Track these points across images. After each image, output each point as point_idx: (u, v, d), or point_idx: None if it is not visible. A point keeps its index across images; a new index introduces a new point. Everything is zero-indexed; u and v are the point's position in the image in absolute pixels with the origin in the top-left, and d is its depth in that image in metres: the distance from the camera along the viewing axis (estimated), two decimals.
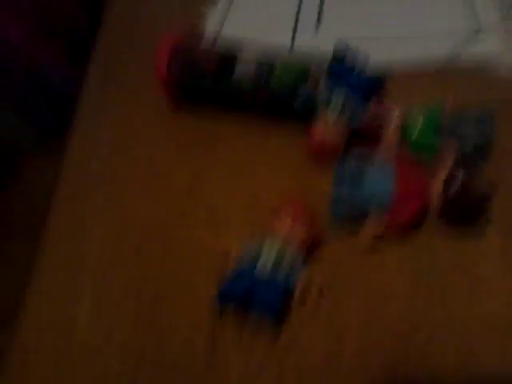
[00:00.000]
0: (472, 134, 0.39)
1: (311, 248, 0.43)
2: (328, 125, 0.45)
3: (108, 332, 0.42)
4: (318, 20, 0.54)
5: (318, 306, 0.40)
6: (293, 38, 0.54)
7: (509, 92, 0.43)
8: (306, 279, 0.40)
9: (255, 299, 0.38)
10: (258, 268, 0.40)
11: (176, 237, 0.46)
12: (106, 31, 0.61)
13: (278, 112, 0.48)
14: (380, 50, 0.48)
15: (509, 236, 0.40)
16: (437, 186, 0.38)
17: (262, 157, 0.50)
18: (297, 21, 0.56)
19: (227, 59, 0.48)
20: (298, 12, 0.56)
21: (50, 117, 0.95)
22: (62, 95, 0.90)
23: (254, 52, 0.47)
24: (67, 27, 0.93)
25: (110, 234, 0.47)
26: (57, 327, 0.43)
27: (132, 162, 0.51)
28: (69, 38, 0.92)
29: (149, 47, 0.50)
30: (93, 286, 0.44)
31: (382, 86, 0.45)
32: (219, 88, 0.49)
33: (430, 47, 0.48)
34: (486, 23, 0.47)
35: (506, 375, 0.36)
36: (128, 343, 0.41)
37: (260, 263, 0.40)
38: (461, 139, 0.39)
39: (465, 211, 0.38)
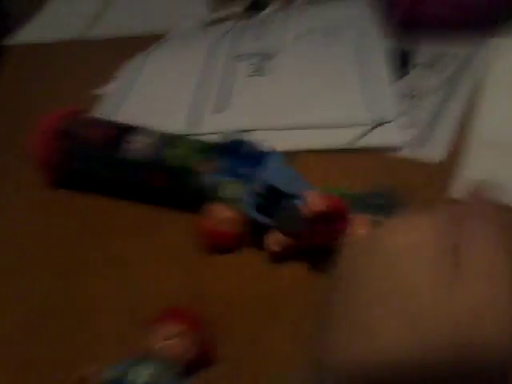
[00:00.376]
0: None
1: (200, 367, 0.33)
2: (223, 212, 0.37)
3: None
4: (219, 106, 0.49)
5: None
6: (191, 122, 0.49)
7: (407, 176, 0.42)
8: None
9: None
10: None
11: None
12: None
13: (173, 195, 0.42)
14: (279, 138, 0.45)
15: None
16: None
17: (149, 247, 0.41)
18: (196, 105, 0.50)
19: (118, 138, 0.41)
20: (198, 96, 0.51)
21: None
22: None
23: (148, 132, 0.41)
24: None
25: None
26: None
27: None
28: None
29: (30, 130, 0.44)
30: None
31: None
32: (107, 171, 0.42)
33: (330, 136, 0.44)
34: (387, 113, 0.45)
35: None
36: None
37: None
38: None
39: None
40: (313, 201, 0.34)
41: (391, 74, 0.51)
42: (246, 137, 0.41)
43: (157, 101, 0.52)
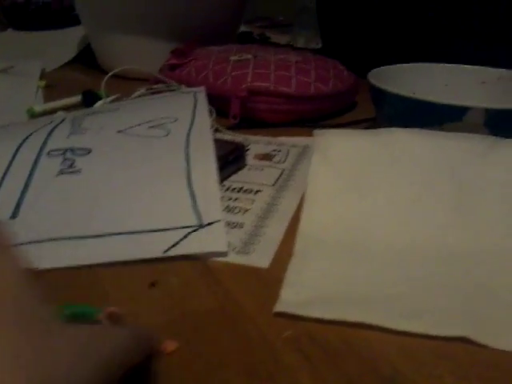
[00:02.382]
0: None
1: None
2: None
3: None
4: (15, 210, 0.40)
5: None
6: None
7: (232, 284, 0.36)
8: None
9: None
10: None
11: None
12: None
13: None
14: (84, 248, 0.38)
15: None
16: None
17: None
18: None
19: None
20: None
21: None
22: None
23: None
24: None
25: None
26: None
27: None
28: None
29: None
30: None
31: None
32: None
33: (144, 244, 0.37)
34: (213, 215, 0.41)
35: None
36: None
37: None
38: None
39: None
40: None
41: (219, 169, 0.47)
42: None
43: None
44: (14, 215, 0.42)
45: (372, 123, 0.64)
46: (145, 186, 0.44)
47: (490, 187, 0.41)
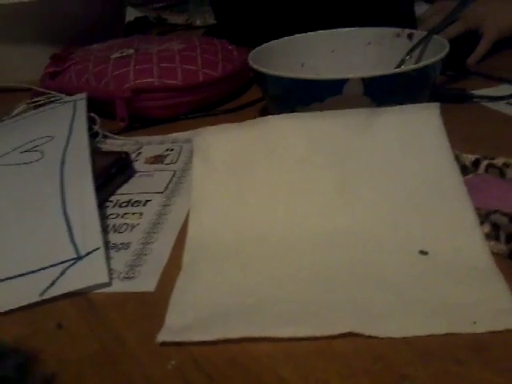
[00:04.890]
0: None
1: None
2: None
3: None
4: None
5: None
6: None
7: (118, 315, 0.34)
8: None
9: None
10: None
11: None
12: None
13: None
14: None
15: None
16: None
17: None
18: None
19: None
20: None
21: None
22: None
23: None
24: None
25: None
26: None
27: None
28: None
29: None
30: None
31: None
32: None
33: (16, 290, 0.36)
34: (86, 247, 0.38)
35: None
36: None
37: None
38: None
39: None
40: None
41: (102, 185, 0.44)
42: None
43: None
44: None
45: (262, 104, 0.63)
46: (14, 224, 0.40)
47: (370, 162, 0.40)
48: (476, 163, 0.44)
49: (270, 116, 0.43)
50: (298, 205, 0.39)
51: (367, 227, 0.37)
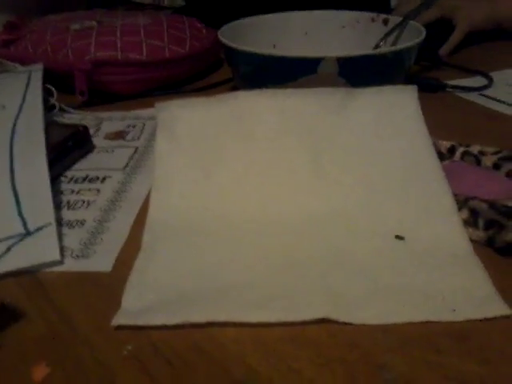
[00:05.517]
0: None
1: None
2: None
3: None
4: None
5: None
6: None
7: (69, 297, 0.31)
8: None
9: None
10: None
11: None
12: None
13: None
14: None
15: None
16: None
17: None
18: None
19: None
20: None
21: None
22: None
23: None
24: None
25: None
26: None
27: None
28: None
29: None
30: None
31: None
32: None
33: None
34: (36, 223, 0.35)
35: None
36: None
37: None
38: None
39: None
40: None
41: (57, 159, 0.41)
42: None
43: None
44: None
45: (233, 84, 0.60)
46: None
47: (346, 144, 0.38)
48: (452, 150, 0.42)
49: (240, 91, 0.41)
50: (268, 185, 0.37)
51: (342, 211, 0.35)
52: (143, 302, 0.29)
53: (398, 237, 0.34)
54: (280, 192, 0.37)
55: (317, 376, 0.25)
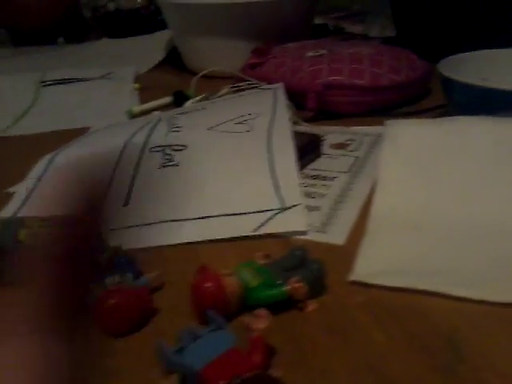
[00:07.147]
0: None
1: None
2: None
3: None
4: (126, 200, 0.48)
5: None
6: None
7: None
8: None
9: None
10: None
11: None
12: None
13: None
14: (184, 229, 0.46)
15: None
16: None
17: None
18: None
19: None
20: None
21: None
22: None
23: None
24: None
25: None
26: None
27: None
28: None
29: None
30: None
31: None
32: None
33: (236, 224, 0.46)
34: (293, 198, 0.47)
35: None
36: None
37: None
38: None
39: None
40: None
41: (298, 159, 0.52)
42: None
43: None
44: (126, 203, 0.50)
45: (443, 110, 0.67)
46: (234, 177, 0.50)
47: None
48: None
49: (459, 116, 0.48)
50: (476, 196, 0.44)
51: None
52: (372, 269, 0.38)
53: None
54: (486, 205, 0.44)
55: None
